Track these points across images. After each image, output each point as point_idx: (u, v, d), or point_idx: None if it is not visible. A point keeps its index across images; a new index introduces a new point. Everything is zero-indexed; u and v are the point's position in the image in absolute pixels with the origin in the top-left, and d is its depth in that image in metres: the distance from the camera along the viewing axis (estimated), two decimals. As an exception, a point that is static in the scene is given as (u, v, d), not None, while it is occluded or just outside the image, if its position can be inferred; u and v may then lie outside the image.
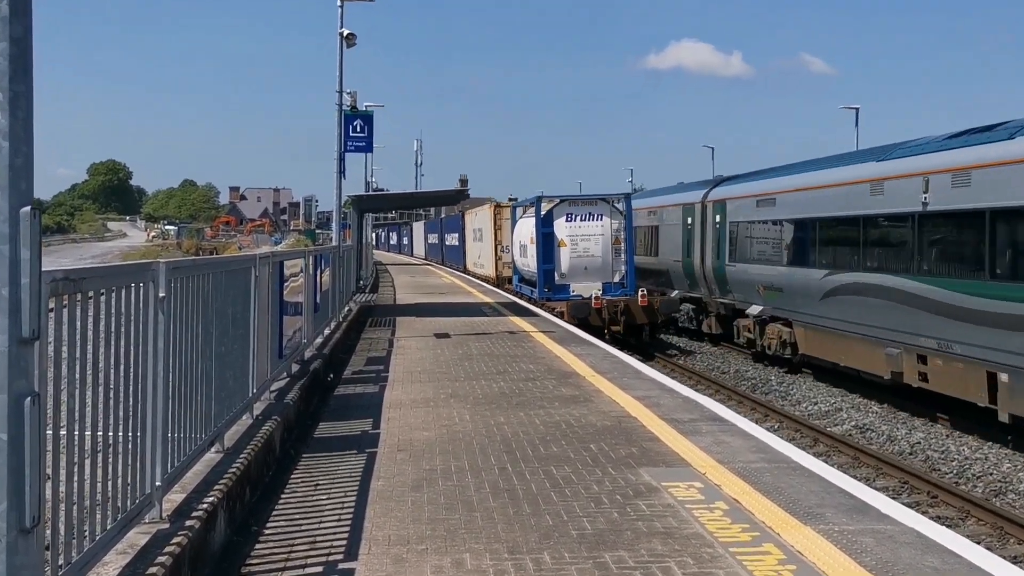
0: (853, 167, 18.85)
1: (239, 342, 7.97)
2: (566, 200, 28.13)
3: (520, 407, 10.75)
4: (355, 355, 15.97)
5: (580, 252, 27.40)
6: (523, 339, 17.84)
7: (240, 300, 8.06)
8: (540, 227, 27.61)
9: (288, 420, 9.30)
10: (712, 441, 8.89)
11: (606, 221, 27.49)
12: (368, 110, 23.67)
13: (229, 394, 7.51)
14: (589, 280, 27.32)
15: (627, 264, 27.41)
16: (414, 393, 11.79)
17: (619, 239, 27.53)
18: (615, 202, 27.82)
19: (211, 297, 6.86)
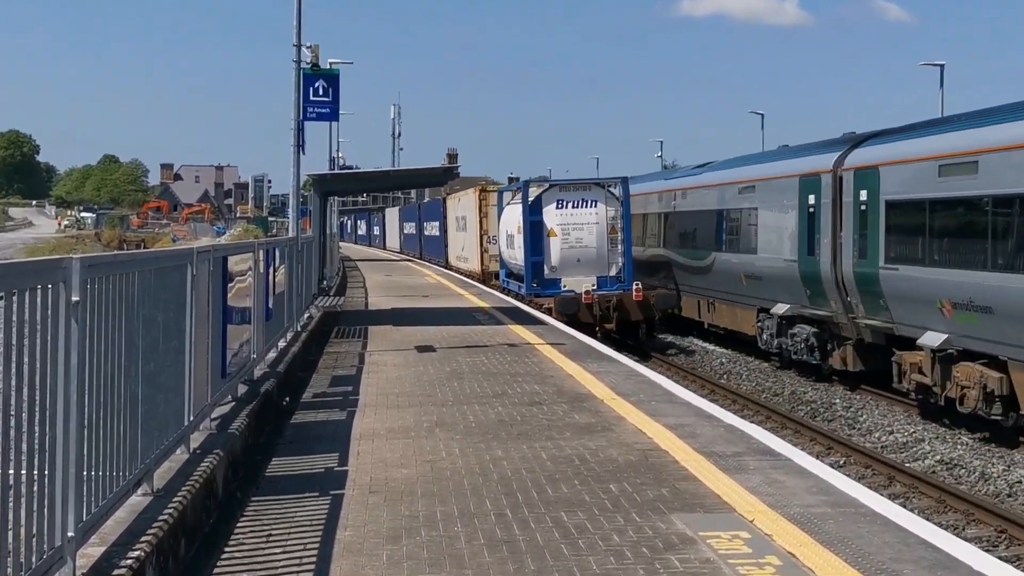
0: None
1: (172, 358, 7.97)
2: (556, 185, 30.46)
3: (522, 438, 10.76)
4: (317, 373, 15.98)
5: (572, 242, 29.54)
6: (527, 353, 17.86)
7: (174, 305, 8.06)
8: (528, 215, 29.60)
9: (233, 455, 9.30)
10: (762, 480, 8.89)
11: (601, 208, 29.58)
12: (333, 68, 23.56)
13: (160, 423, 7.52)
14: (582, 274, 29.36)
15: (624, 256, 29.53)
16: (390, 421, 11.78)
17: (616, 228, 29.64)
18: (611, 187, 29.96)
19: (138, 302, 6.86)
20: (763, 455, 9.91)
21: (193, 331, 8.64)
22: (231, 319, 10.87)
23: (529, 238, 29.74)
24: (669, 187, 33.99)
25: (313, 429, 11.52)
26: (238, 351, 11.45)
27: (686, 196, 31.77)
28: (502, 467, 9.49)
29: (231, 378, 10.92)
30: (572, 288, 28.97)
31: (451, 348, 18.51)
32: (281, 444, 10.76)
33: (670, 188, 33.75)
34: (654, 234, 35.16)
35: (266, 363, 14.20)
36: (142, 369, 6.93)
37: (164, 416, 7.65)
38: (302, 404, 13.24)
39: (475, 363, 16.54)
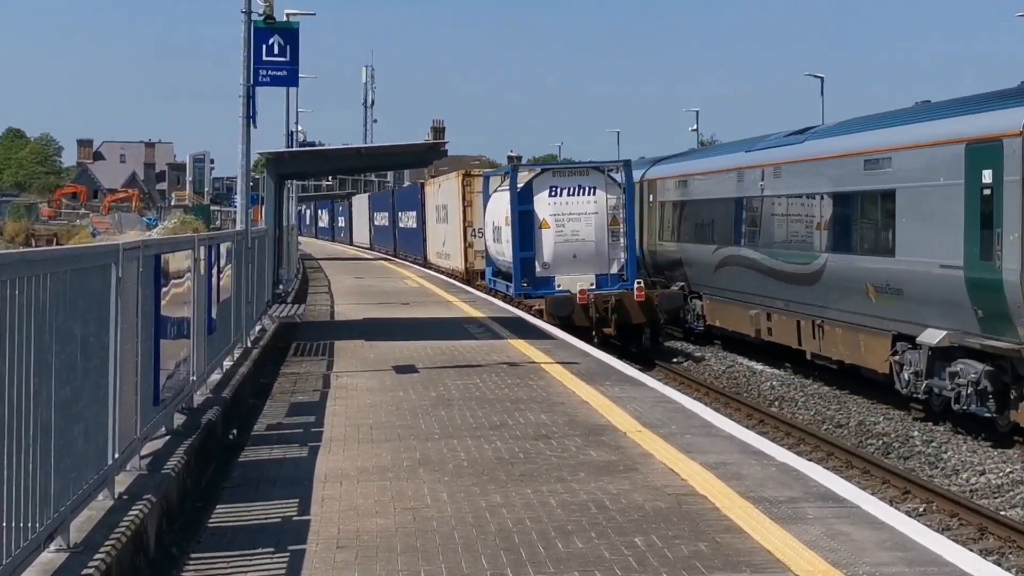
0: None
1: (93, 380, 7.96)
2: (549, 169, 32.16)
3: (526, 480, 10.74)
4: (271, 400, 15.99)
5: (568, 236, 30.91)
6: (531, 374, 17.87)
7: (95, 315, 8.06)
8: (516, 204, 30.97)
9: (168, 501, 9.30)
10: (823, 532, 8.88)
11: (600, 196, 30.98)
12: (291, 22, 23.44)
13: (77, 461, 7.49)
14: (579, 271, 30.82)
15: (628, 251, 31.09)
16: (363, 459, 11.77)
17: (617, 219, 31.01)
18: (612, 171, 31.48)
19: (50, 311, 6.84)
20: (824, 501, 9.88)
21: (119, 347, 8.63)
22: (166, 332, 10.88)
23: (518, 230, 30.90)
24: (749, 163, 30.01)
25: (267, 469, 11.49)
26: (174, 372, 11.44)
27: (779, 175, 27.93)
28: (501, 516, 9.47)
29: (165, 406, 10.91)
30: (567, 288, 30.21)
31: (437, 368, 18.51)
32: (227, 488, 10.73)
33: (751, 164, 29.80)
34: (717, 227, 31.85)
35: (208, 387, 14.18)
36: (56, 394, 6.92)
37: (83, 453, 7.63)
38: (253, 438, 13.22)
39: (467, 387, 16.53)
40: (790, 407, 24.79)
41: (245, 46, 22.03)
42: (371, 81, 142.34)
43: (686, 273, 34.06)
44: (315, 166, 33.80)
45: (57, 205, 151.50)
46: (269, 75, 22.38)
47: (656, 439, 12.62)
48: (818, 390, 26.37)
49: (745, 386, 27.52)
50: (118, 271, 8.63)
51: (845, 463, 19.11)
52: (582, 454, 11.90)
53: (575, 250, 30.90)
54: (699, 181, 32.95)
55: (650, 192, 37.17)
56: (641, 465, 11.36)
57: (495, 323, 26.00)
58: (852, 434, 21.91)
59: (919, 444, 20.60)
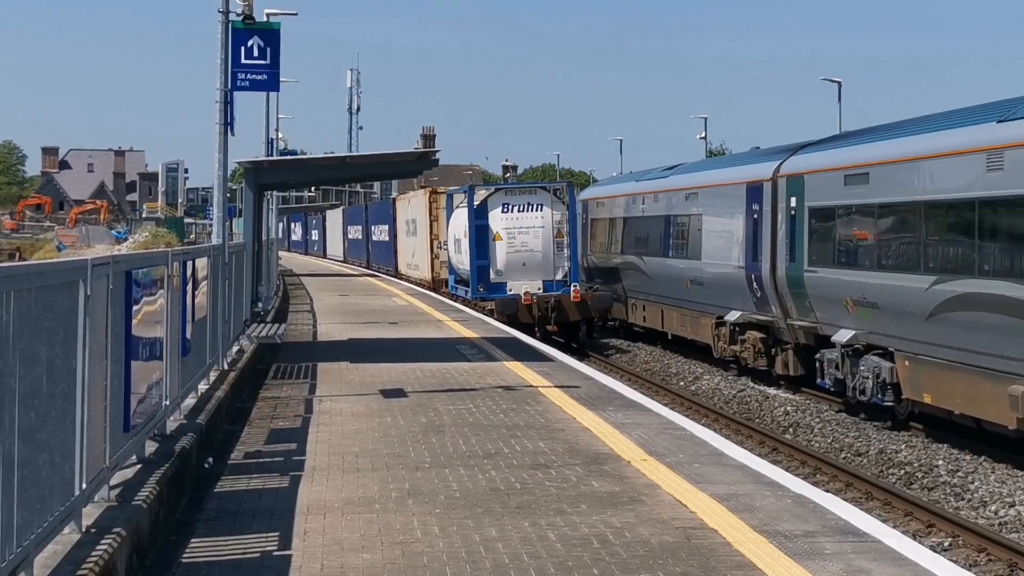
0: None
1: (59, 406, 7.94)
2: (503, 189, 40.72)
3: (524, 513, 10.72)
4: (249, 426, 15.98)
5: (518, 246, 38.17)
6: (528, 398, 17.87)
7: (61, 336, 8.04)
8: (473, 219, 38.10)
9: (139, 535, 9.26)
10: (842, 569, 8.87)
11: (547, 212, 38.34)
12: (272, 22, 23.46)
13: (42, 493, 7.46)
14: (528, 278, 37.88)
15: (571, 260, 38.38)
16: (348, 489, 11.75)
17: (562, 232, 38.41)
18: (557, 191, 39.42)
19: (13, 331, 6.82)
20: (843, 535, 9.87)
21: (87, 370, 8.61)
22: (137, 354, 10.85)
23: (475, 242, 37.99)
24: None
25: (245, 500, 11.48)
26: (145, 396, 11.41)
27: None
28: (496, 551, 9.45)
29: (136, 432, 10.88)
30: (517, 292, 37.19)
31: (428, 392, 18.51)
32: (202, 520, 10.71)
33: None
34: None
35: (182, 412, 14.15)
36: (19, 421, 6.90)
37: (48, 483, 7.61)
38: (230, 467, 13.21)
39: (460, 412, 16.53)
40: (805, 434, 24.76)
41: (222, 48, 21.94)
42: (357, 86, 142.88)
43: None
44: (297, 176, 33.80)
45: (20, 217, 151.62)
46: (248, 79, 22.28)
47: (662, 468, 12.61)
48: (835, 416, 26.34)
49: (757, 411, 27.50)
50: (87, 288, 8.61)
51: (865, 494, 19.08)
52: (583, 484, 11.88)
53: (524, 259, 38.02)
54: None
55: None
56: (646, 496, 11.34)
57: (490, 344, 26.01)
58: (872, 463, 21.87)
59: (944, 474, 20.57)
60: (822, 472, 20.64)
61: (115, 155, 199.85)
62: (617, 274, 42.29)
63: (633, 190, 41.94)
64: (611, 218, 44.15)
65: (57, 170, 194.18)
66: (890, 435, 23.92)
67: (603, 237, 44.98)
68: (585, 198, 47.71)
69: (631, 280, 40.97)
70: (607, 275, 43.52)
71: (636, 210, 40.77)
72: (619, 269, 42.23)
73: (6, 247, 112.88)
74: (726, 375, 32.88)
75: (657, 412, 16.80)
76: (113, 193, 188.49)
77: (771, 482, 12.03)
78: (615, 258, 42.82)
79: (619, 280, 42.10)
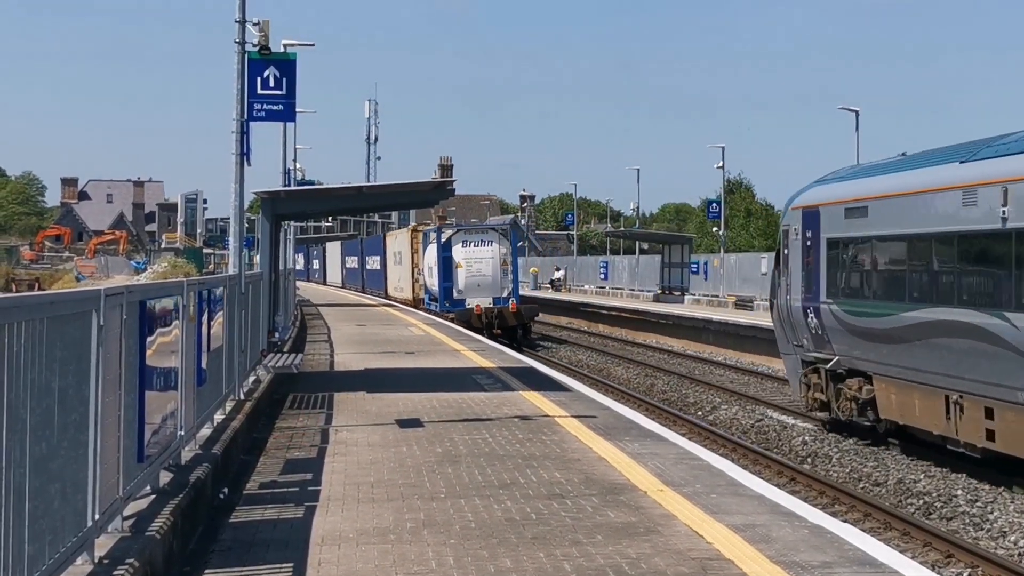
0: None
1: (71, 436, 7.91)
2: (462, 229, 55.31)
3: (539, 543, 10.67)
4: (265, 456, 15.97)
5: (474, 272, 51.48)
6: (544, 428, 17.84)
7: (73, 367, 8.02)
8: (440, 252, 52.07)
9: (153, 566, 9.24)
10: (860, 600, 8.80)
11: (495, 247, 51.84)
12: (288, 53, 23.45)
13: (53, 524, 7.43)
14: (482, 295, 50.89)
15: (513, 282, 52.02)
16: (363, 520, 11.72)
17: (506, 262, 51.97)
18: (503, 231, 53.57)
19: (24, 362, 6.79)
20: (861, 566, 9.82)
21: (100, 400, 8.59)
22: (151, 384, 10.84)
23: (441, 269, 52.01)
24: None
25: (259, 531, 11.45)
26: (160, 427, 11.40)
27: None
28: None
29: (151, 463, 10.86)
30: (472, 306, 50.25)
31: (444, 422, 18.49)
32: (216, 551, 10.66)
33: None
34: None
35: (198, 442, 14.15)
36: (30, 452, 6.87)
37: (60, 514, 7.58)
38: (245, 497, 13.19)
39: (475, 442, 16.51)
40: (824, 464, 24.63)
41: (239, 78, 22.03)
42: (375, 116, 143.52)
43: None
44: (313, 206, 33.74)
45: (39, 248, 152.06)
46: (264, 109, 22.36)
47: (679, 499, 12.57)
48: (854, 446, 26.20)
49: (775, 441, 27.39)
50: (99, 318, 8.60)
51: (883, 524, 18.96)
52: (599, 515, 11.84)
53: (479, 282, 51.22)
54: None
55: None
56: (663, 527, 11.29)
57: (506, 374, 25.99)
58: (891, 493, 21.74)
59: (963, 504, 20.46)
60: (840, 502, 20.52)
61: (134, 186, 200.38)
62: (921, 340, 22.84)
63: None
64: (898, 236, 23.95)
65: (76, 201, 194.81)
66: (909, 464, 23.78)
67: (870, 269, 25.24)
68: (814, 203, 27.61)
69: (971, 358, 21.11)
70: (875, 340, 24.73)
71: None
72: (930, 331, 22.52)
73: (25, 278, 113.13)
74: (744, 405, 32.78)
75: (674, 442, 16.75)
76: (132, 224, 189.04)
77: (788, 512, 11.98)
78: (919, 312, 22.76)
79: (915, 352, 23.08)
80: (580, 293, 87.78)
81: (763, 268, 61.54)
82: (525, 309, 51.79)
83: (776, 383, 38.86)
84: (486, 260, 51.34)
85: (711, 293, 67.20)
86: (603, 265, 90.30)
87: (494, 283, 51.06)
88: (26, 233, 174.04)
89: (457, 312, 49.81)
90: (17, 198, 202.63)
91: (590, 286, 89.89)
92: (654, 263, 76.29)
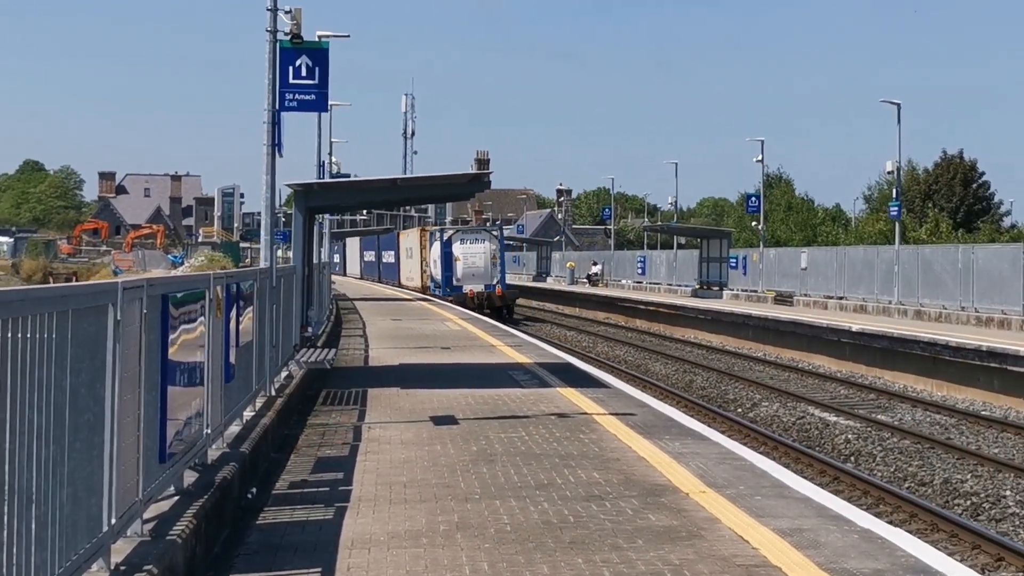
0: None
1: (83, 438, 7.64)
2: (461, 230, 71.10)
3: (577, 548, 10.42)
4: (296, 454, 15.74)
5: (470, 265, 65.08)
6: (582, 426, 17.56)
7: (88, 363, 7.75)
8: (443, 249, 66.14)
9: (174, 572, 8.98)
10: (917, 613, 8.49)
11: (487, 244, 66.16)
12: (321, 41, 23.18)
13: (66, 528, 7.16)
14: (476, 283, 64.43)
15: (500, 272, 65.78)
16: (394, 522, 11.45)
17: (495, 256, 65.82)
18: (494, 232, 69.14)
19: (35, 358, 6.56)
20: (915, 573, 9.57)
21: (117, 399, 8.31)
22: (174, 379, 10.55)
23: (443, 262, 65.97)
24: None
25: (287, 533, 11.20)
26: (184, 425, 11.12)
27: None
28: (549, 591, 9.11)
29: (173, 462, 10.58)
30: (467, 290, 63.84)
31: (479, 419, 18.26)
32: (242, 555, 10.44)
33: None
34: None
35: (225, 440, 13.92)
36: (37, 454, 6.62)
37: (71, 520, 7.32)
38: (274, 497, 12.96)
39: (511, 440, 16.25)
40: (867, 462, 24.31)
41: (270, 68, 21.74)
42: (411, 111, 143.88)
43: None
44: (346, 199, 33.52)
45: (77, 242, 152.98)
46: (296, 99, 22.04)
47: (722, 501, 12.26)
48: (898, 444, 25.88)
49: (817, 439, 27.06)
50: (116, 313, 8.30)
51: (930, 525, 18.64)
52: (639, 518, 11.54)
53: (473, 272, 64.88)
54: None
55: None
56: (706, 531, 10.99)
57: (543, 369, 25.77)
58: (937, 493, 21.46)
59: (1012, 505, 20.18)
60: (885, 502, 20.19)
61: (171, 180, 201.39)
62: None
63: None
64: None
65: (114, 195, 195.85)
66: (955, 464, 23.47)
67: None
68: None
69: None
70: None
71: None
72: None
73: (63, 271, 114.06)
74: (785, 402, 32.48)
75: (715, 441, 16.44)
76: (169, 218, 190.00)
77: (836, 516, 11.66)
78: None
79: None
80: (617, 288, 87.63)
81: (803, 263, 61.23)
82: (508, 293, 66.20)
83: (817, 379, 38.59)
84: (479, 255, 65.30)
85: (750, 288, 67.00)
86: (641, 260, 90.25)
87: (485, 273, 64.91)
88: (64, 227, 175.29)
89: (455, 295, 62.71)
90: (55, 192, 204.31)
91: (627, 281, 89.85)
92: (692, 258, 76.23)
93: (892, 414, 30.62)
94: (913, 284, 50.10)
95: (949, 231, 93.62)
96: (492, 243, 66.27)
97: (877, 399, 33.97)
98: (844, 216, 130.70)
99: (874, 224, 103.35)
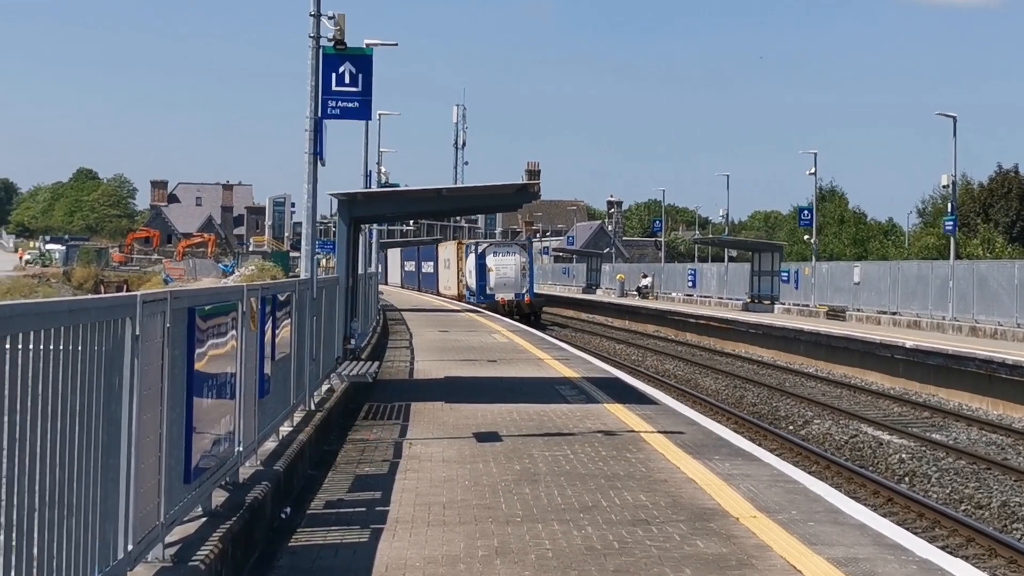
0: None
1: (96, 460, 7.23)
2: (494, 244, 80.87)
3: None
4: (334, 471, 15.39)
5: (502, 275, 73.31)
6: (629, 445, 17.17)
7: (105, 379, 7.37)
8: (477, 260, 74.65)
9: (195, 601, 8.53)
10: (982, 655, 7.98)
11: (517, 257, 74.87)
12: (365, 48, 22.76)
13: (70, 560, 6.78)
14: (507, 292, 72.40)
15: (529, 282, 74.34)
16: (431, 546, 11.07)
17: (525, 268, 74.15)
18: (524, 245, 79.49)
19: (47, 373, 6.26)
20: (978, 611, 9.01)
21: (135, 418, 7.88)
22: (202, 396, 10.12)
23: (477, 272, 74.12)
24: None
25: (319, 557, 10.82)
26: (213, 444, 10.68)
27: None
28: (590, 625, 8.70)
29: (200, 482, 10.14)
30: (499, 298, 71.17)
31: (523, 436, 17.89)
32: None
33: None
34: None
35: (259, 458, 13.49)
36: (39, 479, 6.24)
37: (80, 548, 6.92)
38: (308, 517, 12.57)
39: (556, 459, 15.86)
40: (922, 483, 23.76)
41: (313, 75, 21.43)
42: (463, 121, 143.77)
43: None
44: (392, 208, 33.10)
45: (128, 250, 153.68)
46: (339, 106, 21.71)
47: (774, 527, 11.79)
48: (954, 464, 25.31)
49: (871, 459, 26.52)
50: (135, 327, 7.88)
51: (988, 551, 18.14)
52: (687, 544, 11.10)
53: (506, 282, 72.88)
54: None
55: None
56: (757, 560, 10.53)
57: (590, 384, 25.39)
58: (995, 516, 20.96)
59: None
60: (941, 525, 19.67)
61: (223, 189, 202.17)
62: None
63: None
64: None
65: (166, 203, 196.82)
66: (1013, 486, 22.90)
67: None
68: None
69: None
70: None
71: None
72: None
73: (114, 279, 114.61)
74: (837, 419, 31.91)
75: (767, 462, 15.95)
76: (220, 227, 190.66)
77: (893, 544, 11.17)
78: None
79: None
80: (667, 301, 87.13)
81: (856, 277, 60.51)
82: (536, 301, 74.27)
83: (870, 396, 38.01)
84: (510, 266, 73.70)
85: (802, 302, 66.33)
86: (691, 273, 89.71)
87: (515, 282, 73.10)
88: (116, 235, 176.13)
89: (488, 303, 70.02)
90: (108, 200, 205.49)
91: (677, 294, 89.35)
92: (743, 271, 75.70)
93: (947, 433, 30.08)
94: (968, 300, 49.39)
95: (1004, 246, 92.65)
96: (522, 256, 74.61)
97: (931, 417, 33.39)
98: (897, 230, 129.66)
99: (925, 238, 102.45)
